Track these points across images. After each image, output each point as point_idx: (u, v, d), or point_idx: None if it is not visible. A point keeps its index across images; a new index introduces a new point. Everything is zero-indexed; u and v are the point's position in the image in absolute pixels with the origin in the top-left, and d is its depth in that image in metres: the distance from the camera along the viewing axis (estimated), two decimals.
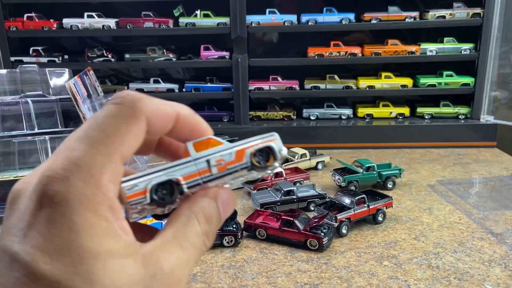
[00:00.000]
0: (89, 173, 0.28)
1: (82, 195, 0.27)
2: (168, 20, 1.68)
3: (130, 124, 0.30)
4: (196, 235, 0.31)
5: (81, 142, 0.29)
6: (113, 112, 0.30)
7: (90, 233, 0.27)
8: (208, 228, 0.32)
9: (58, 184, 0.27)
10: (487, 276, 0.85)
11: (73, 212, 0.27)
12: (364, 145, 1.67)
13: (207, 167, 0.32)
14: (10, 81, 1.34)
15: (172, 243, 0.30)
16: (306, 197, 1.15)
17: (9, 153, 1.16)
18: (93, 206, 0.27)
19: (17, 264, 0.26)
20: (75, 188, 0.27)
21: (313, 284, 0.84)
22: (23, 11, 1.70)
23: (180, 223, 0.31)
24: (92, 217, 0.27)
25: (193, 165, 0.32)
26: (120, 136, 0.29)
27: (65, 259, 0.26)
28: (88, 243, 0.27)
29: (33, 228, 0.27)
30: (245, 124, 1.72)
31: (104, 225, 0.27)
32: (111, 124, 0.29)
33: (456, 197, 1.22)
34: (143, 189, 0.31)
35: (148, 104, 0.31)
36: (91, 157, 0.28)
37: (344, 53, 1.68)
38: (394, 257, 0.92)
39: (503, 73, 1.73)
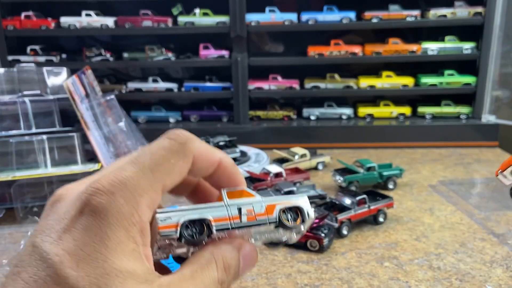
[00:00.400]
0: (132, 193, 0.30)
1: (120, 212, 0.29)
2: (166, 18, 1.67)
3: (179, 159, 0.33)
4: (212, 280, 0.32)
5: (132, 164, 0.31)
6: (166, 145, 0.33)
7: (118, 250, 0.28)
8: (224, 277, 0.33)
9: (102, 196, 0.29)
10: (489, 277, 0.84)
11: (108, 226, 0.29)
12: (365, 145, 1.66)
13: (237, 214, 0.34)
14: (7, 80, 1.33)
15: (188, 282, 0.31)
16: None
17: (6, 153, 1.15)
18: (127, 225, 0.29)
19: (45, 263, 0.28)
20: (116, 204, 0.29)
21: (314, 285, 0.83)
22: (20, 10, 1.69)
23: (200, 264, 0.32)
24: (124, 235, 0.29)
25: (225, 210, 0.33)
26: (167, 167, 0.32)
27: (90, 269, 0.28)
28: (115, 260, 0.28)
29: (69, 233, 0.29)
30: (244, 124, 1.71)
31: (132, 246, 0.29)
32: (162, 155, 0.32)
33: (458, 198, 1.21)
34: (175, 223, 0.32)
35: (197, 146, 0.34)
36: (137, 179, 0.30)
37: (344, 52, 1.67)
38: (395, 258, 0.92)
39: (505, 73, 1.72)
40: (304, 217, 0.35)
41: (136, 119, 1.75)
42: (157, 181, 0.31)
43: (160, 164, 0.31)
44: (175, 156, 0.32)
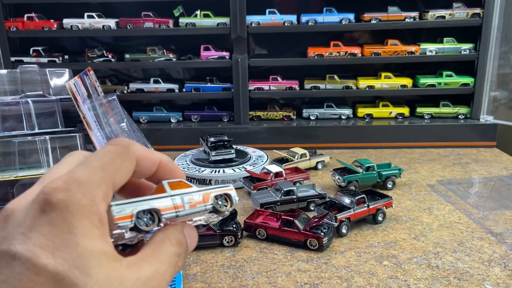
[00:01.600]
0: (87, 188, 0.32)
1: (80, 204, 0.31)
2: (168, 20, 1.68)
3: (124, 159, 0.36)
4: (170, 253, 0.37)
5: (82, 166, 0.34)
6: (111, 149, 0.36)
7: (86, 235, 0.31)
8: (179, 250, 0.38)
9: (60, 193, 0.31)
10: (487, 276, 0.85)
11: (72, 217, 0.31)
12: (364, 145, 1.68)
13: (181, 203, 0.38)
14: (10, 81, 1.34)
15: (152, 257, 0.35)
16: (306, 197, 1.16)
17: (9, 153, 1.16)
18: (89, 215, 0.32)
19: (18, 261, 0.29)
20: (75, 198, 0.31)
21: (313, 283, 0.84)
22: (23, 11, 1.70)
23: (156, 243, 0.37)
24: (87, 222, 0.31)
25: (170, 200, 0.38)
26: (114, 167, 0.35)
27: (65, 255, 0.30)
28: (85, 243, 0.30)
29: (34, 230, 0.30)
30: (245, 124, 1.72)
31: (97, 232, 0.32)
32: (108, 157, 0.35)
33: (456, 197, 1.22)
34: (130, 214, 0.35)
35: (138, 149, 0.38)
36: (89, 176, 0.33)
37: (344, 53, 1.68)
38: (394, 257, 0.93)
39: (503, 73, 1.73)
40: (232, 202, 0.41)
41: (138, 120, 1.76)
42: (107, 177, 0.34)
43: (108, 164, 0.35)
44: (120, 156, 0.36)
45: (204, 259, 0.94)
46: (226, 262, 0.92)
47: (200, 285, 0.85)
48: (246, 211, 1.15)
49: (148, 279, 0.33)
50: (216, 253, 0.96)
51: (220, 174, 1.31)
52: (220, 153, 1.40)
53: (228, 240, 0.98)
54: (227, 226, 0.99)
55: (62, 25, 1.69)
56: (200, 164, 1.39)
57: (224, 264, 0.92)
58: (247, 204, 1.21)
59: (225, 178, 1.31)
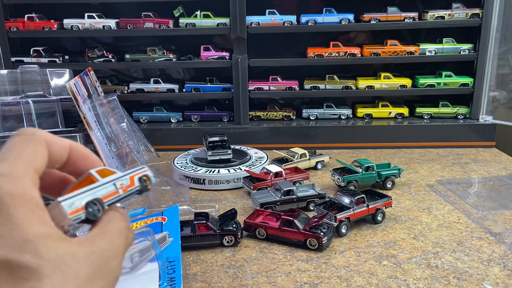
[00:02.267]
0: (14, 178, 0.32)
1: (13, 194, 0.32)
2: (168, 20, 1.68)
3: (34, 144, 0.36)
4: (120, 228, 0.38)
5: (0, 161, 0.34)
6: (18, 140, 0.36)
7: (28, 221, 0.31)
8: (127, 224, 0.39)
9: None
10: (486, 276, 0.86)
11: (8, 208, 0.31)
12: (363, 145, 1.68)
13: (115, 189, 0.40)
14: (10, 81, 1.34)
15: (103, 234, 0.36)
16: (305, 197, 1.16)
17: None
18: (25, 202, 0.32)
19: None
20: (6, 190, 0.31)
21: (313, 283, 0.84)
22: (23, 11, 1.71)
23: (103, 222, 0.38)
24: (25, 210, 0.32)
25: (105, 188, 0.39)
26: (29, 154, 0.35)
27: (10, 243, 0.30)
28: (28, 229, 0.31)
29: None
30: (245, 124, 1.73)
31: (37, 217, 0.32)
32: (19, 147, 0.35)
33: (455, 197, 1.22)
34: (80, 206, 0.37)
35: (44, 133, 0.38)
36: (11, 168, 0.33)
37: (343, 54, 1.69)
38: (393, 257, 0.93)
39: (502, 73, 1.73)
40: (151, 182, 0.43)
41: (138, 120, 1.77)
42: (28, 164, 0.34)
43: (22, 154, 0.35)
44: (29, 143, 0.36)
45: (204, 259, 0.94)
46: (226, 261, 0.93)
47: (200, 284, 0.85)
48: (246, 211, 1.15)
49: (104, 251, 0.35)
50: (216, 252, 0.96)
51: (214, 174, 1.31)
52: (217, 153, 1.40)
53: (228, 239, 0.98)
54: (227, 226, 0.99)
55: (63, 26, 1.69)
56: (198, 163, 1.40)
57: (224, 264, 0.92)
58: (247, 204, 1.21)
59: (218, 179, 1.31)
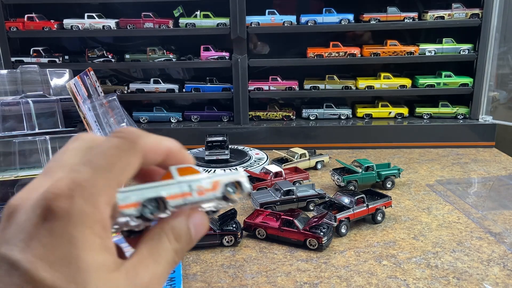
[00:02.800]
0: (91, 194, 0.31)
1: (82, 213, 0.30)
2: (168, 20, 1.68)
3: (130, 157, 0.34)
4: (167, 251, 0.35)
5: (86, 166, 0.32)
6: (117, 145, 0.33)
7: (87, 247, 0.30)
8: (177, 246, 0.36)
9: (63, 200, 0.30)
10: (486, 276, 0.86)
11: (73, 227, 0.30)
12: (363, 145, 1.68)
13: (188, 191, 0.36)
14: (10, 81, 1.34)
15: (148, 260, 0.34)
16: (305, 197, 1.16)
17: (9, 153, 1.17)
18: (91, 223, 0.31)
19: (17, 271, 0.29)
20: (77, 206, 0.30)
21: (313, 283, 0.84)
22: (23, 11, 1.70)
23: (153, 240, 0.35)
24: (89, 233, 0.30)
25: (177, 187, 0.36)
26: (121, 166, 0.33)
27: (64, 269, 0.29)
28: (85, 256, 0.30)
29: (35, 239, 0.30)
30: (245, 124, 1.73)
31: (98, 241, 0.31)
32: (114, 155, 0.33)
33: (455, 197, 1.22)
34: (135, 202, 0.34)
35: (146, 142, 0.35)
36: (94, 180, 0.31)
37: (343, 54, 1.69)
38: (393, 257, 0.93)
39: (502, 73, 1.73)
40: (243, 190, 0.39)
41: (138, 120, 1.77)
42: (113, 179, 0.32)
43: (113, 164, 0.33)
44: (127, 154, 0.33)
45: (204, 259, 0.94)
46: (226, 261, 0.93)
47: (200, 284, 0.85)
48: (246, 211, 1.15)
49: (145, 285, 0.33)
50: (216, 252, 0.96)
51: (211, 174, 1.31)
52: (214, 153, 1.40)
53: (228, 239, 0.98)
54: (227, 225, 0.99)
55: (63, 26, 1.69)
56: (197, 163, 1.40)
57: (224, 264, 0.92)
58: (247, 204, 1.21)
59: None
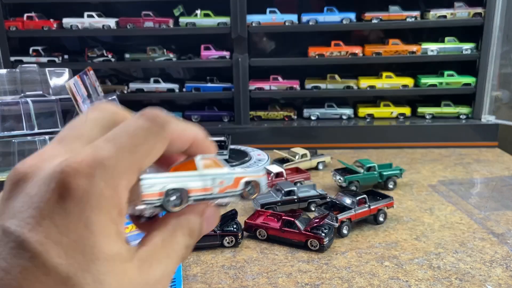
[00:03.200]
0: (112, 176, 0.29)
1: (102, 195, 0.28)
2: (168, 19, 1.67)
3: (157, 141, 0.32)
4: (180, 246, 0.34)
5: (109, 144, 0.30)
6: (144, 126, 0.31)
7: (104, 234, 0.28)
8: (189, 242, 0.34)
9: (82, 179, 0.27)
10: (489, 277, 0.85)
11: (91, 210, 0.27)
12: (365, 145, 1.67)
13: (210, 185, 0.35)
14: (10, 81, 1.34)
15: (161, 252, 0.32)
16: (306, 197, 1.15)
17: (9, 153, 1.16)
18: (109, 208, 0.28)
19: (27, 253, 0.26)
20: (97, 187, 0.28)
21: (314, 284, 0.83)
22: (23, 11, 1.70)
23: (168, 232, 0.33)
24: (106, 218, 0.28)
25: (201, 180, 0.34)
26: (145, 149, 0.31)
27: (79, 256, 0.27)
28: (101, 244, 0.28)
29: (48, 218, 0.27)
30: (245, 124, 1.72)
31: (114, 228, 0.29)
32: (141, 136, 0.31)
33: (457, 197, 1.21)
34: (159, 191, 0.32)
35: (174, 128, 0.33)
36: (117, 160, 0.29)
37: (345, 53, 1.68)
38: (395, 258, 0.92)
39: (505, 73, 1.72)
40: (261, 191, 0.38)
41: None
42: (135, 163, 0.30)
43: (138, 146, 0.30)
44: (153, 138, 0.31)
45: (205, 260, 0.93)
46: (226, 262, 0.92)
47: (200, 285, 0.84)
48: (247, 212, 1.15)
49: (156, 282, 0.32)
50: (216, 253, 0.96)
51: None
52: None
53: (229, 240, 0.97)
54: (227, 226, 0.98)
55: (62, 25, 1.69)
56: None
57: (224, 265, 0.91)
58: (247, 205, 1.20)
59: None
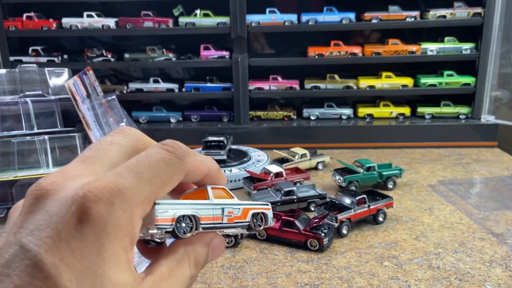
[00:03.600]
0: (129, 204, 0.30)
1: (118, 224, 0.29)
2: (167, 19, 1.67)
3: (176, 173, 0.33)
4: (185, 277, 0.34)
5: (131, 172, 0.31)
6: (166, 159, 0.33)
7: (114, 262, 0.29)
8: (194, 272, 0.35)
9: (102, 206, 0.29)
10: (488, 277, 0.85)
11: (106, 238, 0.28)
12: (364, 145, 1.67)
13: (220, 215, 0.36)
14: (9, 81, 1.34)
15: (167, 281, 0.33)
16: (306, 197, 1.15)
17: (8, 153, 1.16)
18: (122, 236, 0.29)
19: (41, 273, 0.27)
20: (114, 215, 0.29)
21: (314, 284, 0.83)
22: (22, 10, 1.70)
23: (175, 261, 0.34)
24: (118, 246, 0.29)
25: (211, 209, 0.36)
26: (164, 181, 0.32)
27: (89, 283, 0.28)
28: (111, 273, 0.29)
29: (65, 241, 0.28)
30: (245, 124, 1.72)
31: (125, 257, 0.30)
32: (161, 168, 0.32)
33: (457, 197, 1.21)
34: (171, 217, 0.33)
35: (192, 161, 0.35)
36: (135, 190, 0.30)
37: (344, 53, 1.68)
38: (394, 258, 0.92)
39: (504, 73, 1.72)
40: (267, 223, 0.40)
41: (137, 119, 1.76)
42: (153, 193, 0.32)
43: (158, 177, 0.32)
44: (172, 170, 0.33)
45: None
46: (226, 262, 0.92)
47: (200, 286, 0.84)
48: None
49: None
50: None
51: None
52: (210, 153, 1.39)
53: (228, 240, 0.97)
54: None
55: (61, 25, 1.69)
56: None
57: (224, 265, 0.91)
58: None
59: None
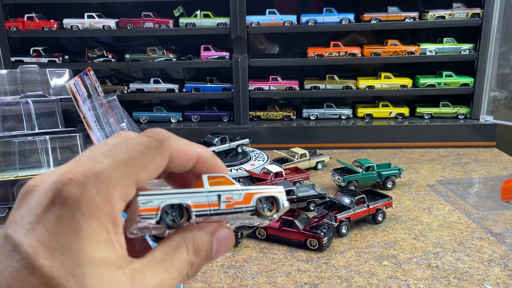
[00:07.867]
0: (105, 185, 0.30)
1: (93, 203, 0.29)
2: (168, 20, 1.68)
3: (155, 155, 0.33)
4: (182, 262, 0.33)
5: (106, 157, 0.31)
6: (143, 142, 0.33)
7: (92, 239, 0.29)
8: (194, 260, 0.34)
9: (75, 187, 0.29)
10: (487, 276, 0.86)
11: (81, 216, 0.29)
12: (363, 145, 1.68)
13: (217, 201, 0.35)
14: (10, 81, 1.34)
15: (159, 265, 0.32)
16: (306, 197, 1.16)
17: (9, 153, 1.16)
18: (99, 215, 0.30)
19: (19, 254, 0.28)
20: (88, 195, 0.29)
21: (313, 283, 0.84)
22: (23, 11, 1.70)
23: (170, 247, 0.34)
24: (96, 225, 0.29)
25: (205, 196, 0.34)
26: (142, 163, 0.32)
27: (65, 258, 0.28)
28: (88, 249, 0.29)
29: (41, 223, 0.29)
30: (245, 124, 1.72)
31: (104, 235, 0.30)
32: (138, 150, 0.32)
33: (456, 197, 1.22)
34: (156, 206, 0.33)
35: (175, 144, 0.34)
36: (110, 171, 0.30)
37: (343, 53, 1.68)
38: (393, 257, 0.93)
39: (503, 73, 1.73)
40: (279, 207, 0.36)
41: (138, 120, 1.76)
42: (131, 174, 0.31)
43: (135, 159, 0.32)
44: (151, 152, 0.32)
45: None
46: (226, 262, 0.93)
47: (200, 285, 0.85)
48: None
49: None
50: None
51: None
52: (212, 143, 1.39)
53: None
54: None
55: (62, 25, 1.69)
56: None
57: (224, 264, 0.92)
58: None
59: None
